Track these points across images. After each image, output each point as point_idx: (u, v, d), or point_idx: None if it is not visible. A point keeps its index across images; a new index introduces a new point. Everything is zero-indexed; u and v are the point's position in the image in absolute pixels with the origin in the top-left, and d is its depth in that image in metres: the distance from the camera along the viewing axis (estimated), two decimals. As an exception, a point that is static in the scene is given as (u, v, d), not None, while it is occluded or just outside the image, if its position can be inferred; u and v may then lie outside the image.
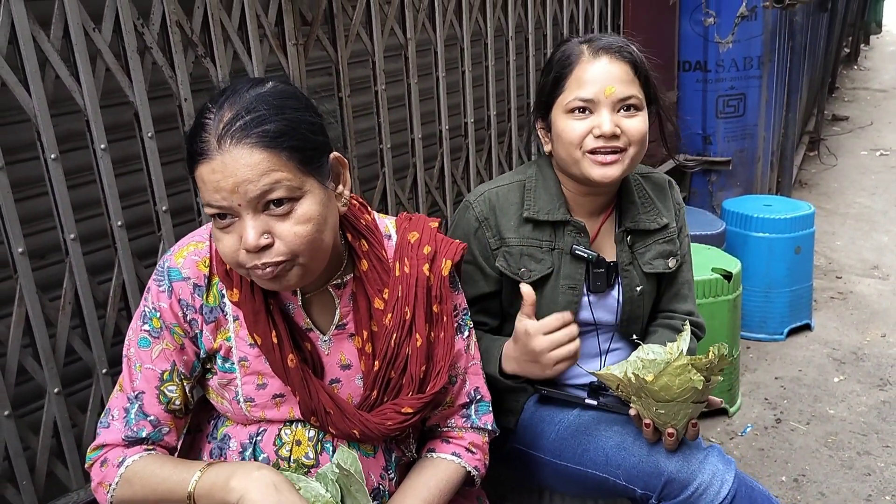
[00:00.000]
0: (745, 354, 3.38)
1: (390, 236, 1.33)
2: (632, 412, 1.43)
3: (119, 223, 1.61)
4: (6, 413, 1.46)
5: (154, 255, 1.73)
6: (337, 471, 1.12)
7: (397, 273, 1.26)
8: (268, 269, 1.10)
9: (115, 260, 1.62)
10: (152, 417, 1.22)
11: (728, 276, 2.78)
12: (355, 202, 1.30)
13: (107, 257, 1.67)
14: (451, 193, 2.54)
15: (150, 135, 1.64)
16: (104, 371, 1.62)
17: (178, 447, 1.31)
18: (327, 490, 1.13)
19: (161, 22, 1.63)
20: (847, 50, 10.20)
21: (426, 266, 1.26)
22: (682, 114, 3.81)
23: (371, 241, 1.28)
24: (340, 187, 1.19)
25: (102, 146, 1.56)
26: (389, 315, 1.24)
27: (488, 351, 1.52)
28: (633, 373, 1.34)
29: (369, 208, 1.34)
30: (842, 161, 6.51)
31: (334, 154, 1.17)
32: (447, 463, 1.32)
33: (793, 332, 3.55)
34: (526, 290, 1.41)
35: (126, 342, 1.25)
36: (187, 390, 1.24)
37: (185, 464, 1.20)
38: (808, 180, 5.99)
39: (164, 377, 1.22)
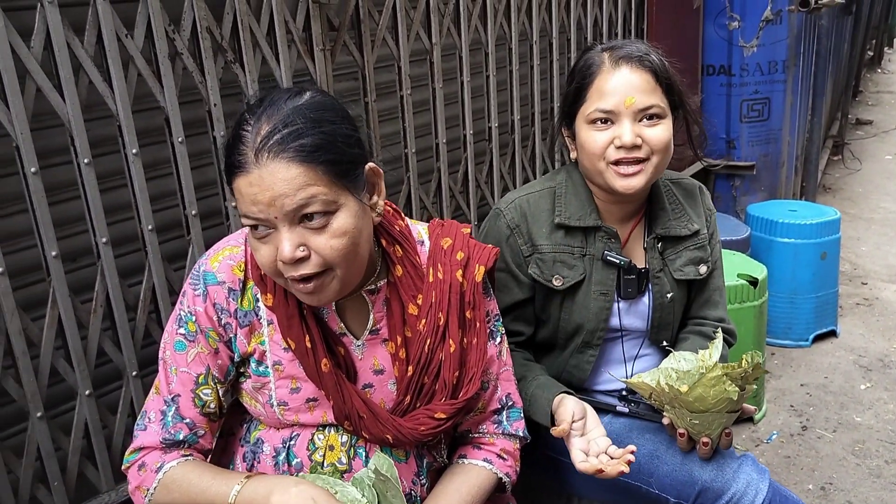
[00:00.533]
0: (770, 361, 3.35)
1: (423, 242, 1.33)
2: (665, 421, 1.42)
3: (150, 227, 1.62)
4: (38, 414, 1.47)
5: (183, 258, 1.74)
6: (373, 476, 1.12)
7: (431, 279, 1.26)
8: (308, 285, 1.10)
9: (146, 263, 1.63)
10: (188, 420, 1.23)
11: (754, 282, 2.76)
12: (389, 208, 1.30)
13: (137, 260, 1.68)
14: (475, 198, 2.54)
15: (180, 140, 1.65)
16: (134, 373, 1.64)
17: (212, 451, 1.32)
18: (363, 495, 1.13)
19: (192, 28, 1.65)
20: (870, 53, 10.10)
21: (459, 272, 1.27)
22: (707, 117, 3.78)
23: (405, 246, 1.28)
24: (375, 198, 1.19)
25: (134, 151, 1.57)
26: (423, 321, 1.24)
27: (537, 400, 1.51)
28: (666, 383, 1.33)
29: (402, 214, 1.35)
30: (866, 165, 6.44)
31: (370, 165, 1.17)
32: (479, 469, 1.32)
33: (818, 338, 3.52)
34: (557, 431, 1.40)
35: (162, 345, 1.26)
36: (220, 394, 1.25)
37: (224, 474, 1.21)
38: (832, 185, 5.93)
39: (200, 380, 1.23)
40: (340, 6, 1.96)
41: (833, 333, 3.55)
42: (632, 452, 1.31)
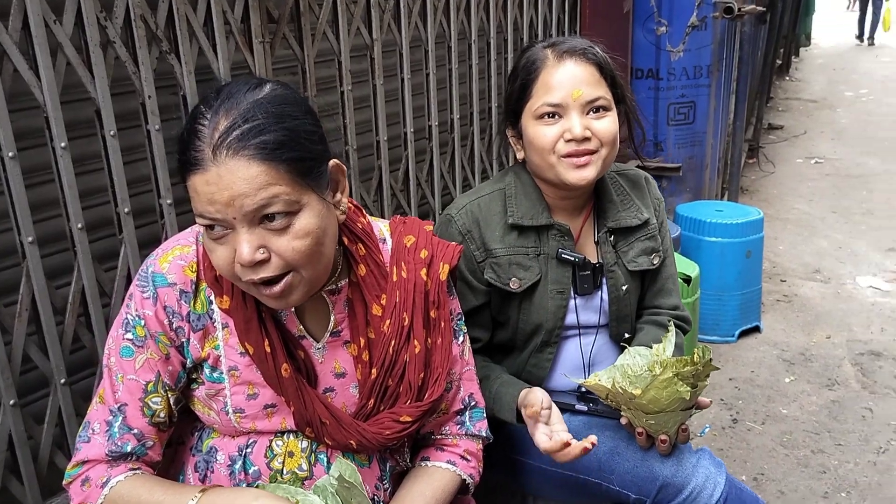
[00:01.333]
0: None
1: (385, 240, 1.29)
2: (623, 421, 1.43)
3: (79, 225, 1.53)
4: (-42, 427, 1.37)
5: (115, 258, 1.65)
6: (335, 483, 1.08)
7: (395, 278, 1.23)
8: (276, 288, 1.05)
9: (75, 264, 1.54)
10: (136, 431, 1.16)
11: (687, 279, 2.82)
12: (350, 205, 1.26)
13: (65, 261, 1.59)
14: (416, 197, 2.51)
15: (112, 133, 1.56)
16: (62, 381, 1.54)
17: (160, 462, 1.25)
18: (326, 503, 1.08)
19: (125, 15, 1.56)
20: (779, 61, 10.56)
21: (423, 271, 1.23)
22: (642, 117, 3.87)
23: (368, 244, 1.24)
24: (339, 195, 1.14)
25: (63, 144, 1.48)
26: (388, 321, 1.20)
27: (501, 397, 1.50)
28: (620, 387, 1.34)
29: (364, 211, 1.30)
30: (779, 168, 6.72)
31: (333, 161, 1.12)
32: (442, 472, 1.30)
33: (743, 333, 3.64)
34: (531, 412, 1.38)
35: (106, 351, 1.18)
36: (171, 402, 1.18)
37: (176, 488, 1.14)
38: (748, 187, 6.16)
39: (149, 388, 1.15)
40: (280, -2, 1.90)
41: (757, 329, 3.68)
42: (592, 444, 1.30)
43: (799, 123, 8.55)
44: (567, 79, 1.50)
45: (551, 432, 1.36)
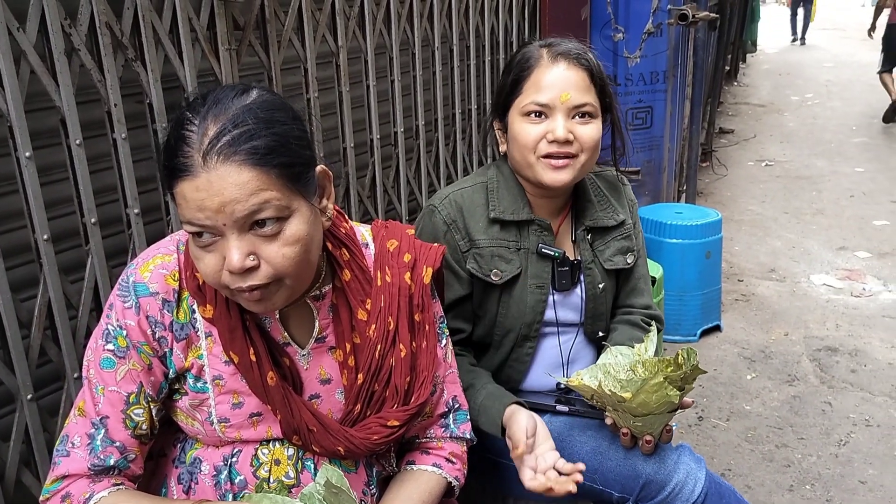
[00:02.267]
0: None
1: (367, 245, 1.29)
2: (608, 421, 1.44)
3: (45, 236, 1.49)
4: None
5: (81, 269, 1.61)
6: (323, 489, 1.07)
7: (379, 282, 1.22)
8: (255, 293, 1.04)
9: (40, 276, 1.50)
10: (118, 444, 1.13)
11: (652, 280, 2.87)
12: (334, 210, 1.26)
13: (30, 273, 1.55)
14: (382, 203, 2.51)
15: (77, 142, 1.53)
16: (29, 397, 1.50)
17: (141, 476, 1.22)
18: None
19: (89, 23, 1.53)
20: (728, 67, 10.82)
21: (407, 274, 1.23)
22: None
23: (352, 249, 1.23)
24: (325, 201, 1.14)
25: (27, 154, 1.44)
26: (373, 326, 1.20)
27: (487, 410, 1.49)
28: (609, 389, 1.35)
29: (346, 216, 1.30)
30: (732, 171, 6.88)
31: (320, 167, 1.12)
32: (428, 475, 1.29)
33: (705, 333, 3.71)
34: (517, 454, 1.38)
35: (85, 363, 1.15)
36: (153, 413, 1.16)
37: (165, 503, 1.11)
38: (702, 189, 6.28)
39: (131, 400, 1.13)
40: (246, 5, 1.88)
41: (718, 328, 3.76)
42: (580, 471, 1.31)
43: (748, 127, 8.77)
44: (558, 80, 1.52)
45: (536, 462, 1.36)
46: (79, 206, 1.57)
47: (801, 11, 16.06)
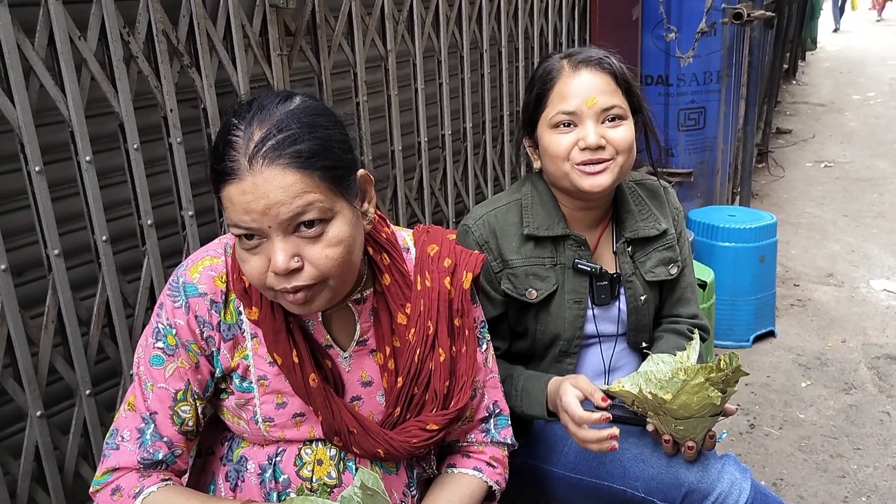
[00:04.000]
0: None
1: (409, 249, 1.31)
2: (650, 428, 1.42)
3: (104, 237, 1.55)
4: (-12, 438, 1.39)
5: (138, 269, 1.67)
6: (360, 493, 1.09)
7: (419, 287, 1.24)
8: (298, 295, 1.06)
9: (99, 276, 1.56)
10: (167, 439, 1.17)
11: (703, 285, 2.83)
12: (376, 215, 1.27)
13: (90, 273, 1.61)
14: (429, 205, 2.53)
15: (135, 146, 1.59)
16: (87, 392, 1.56)
17: (189, 471, 1.26)
18: None
19: (147, 30, 1.59)
20: (786, 66, 10.56)
21: (447, 279, 1.24)
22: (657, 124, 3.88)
23: (392, 254, 1.25)
24: (366, 205, 1.16)
25: (87, 158, 1.50)
26: (412, 330, 1.21)
27: (530, 395, 1.52)
28: (650, 392, 1.34)
29: (388, 221, 1.32)
30: (789, 173, 6.71)
31: (362, 171, 1.14)
32: (469, 478, 1.30)
33: (758, 338, 3.63)
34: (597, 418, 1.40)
35: (136, 360, 1.19)
36: (199, 411, 1.19)
37: (212, 501, 1.15)
38: (758, 191, 6.15)
39: (178, 397, 1.17)
40: (297, 11, 1.92)
41: (772, 334, 3.67)
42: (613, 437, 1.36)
43: (807, 127, 8.54)
44: (582, 87, 1.50)
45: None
46: (136, 209, 1.63)
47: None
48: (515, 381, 1.54)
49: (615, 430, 1.36)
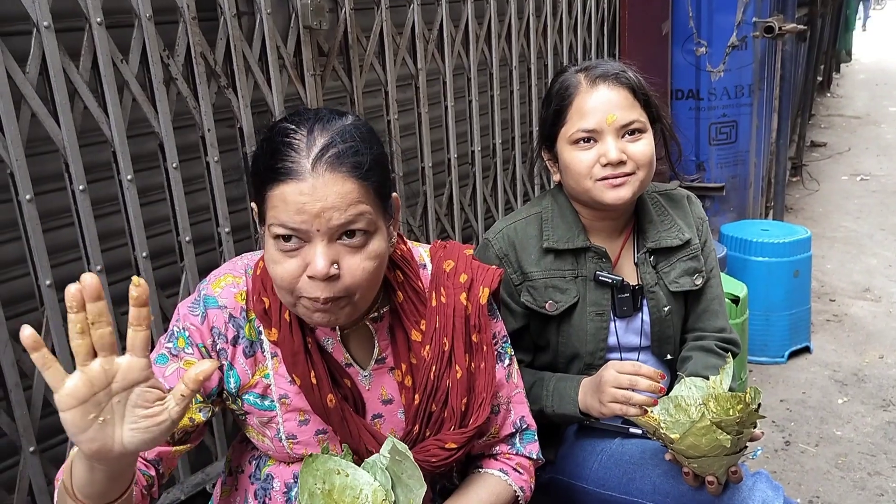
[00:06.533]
0: (748, 378, 3.39)
1: (425, 265, 1.31)
2: (668, 457, 1.41)
3: (144, 254, 1.60)
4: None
5: (176, 285, 1.73)
6: (386, 458, 1.10)
7: (434, 303, 1.24)
8: (323, 304, 1.07)
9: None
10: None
11: (735, 300, 2.80)
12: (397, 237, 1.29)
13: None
14: (459, 221, 2.55)
15: (174, 165, 1.64)
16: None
17: (219, 489, 1.28)
18: (376, 478, 1.11)
19: (186, 53, 1.64)
20: (820, 78, 10.43)
21: (463, 295, 1.24)
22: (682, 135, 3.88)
23: (406, 271, 1.25)
24: (391, 228, 1.18)
25: (129, 177, 1.55)
26: (427, 347, 1.21)
27: (562, 393, 1.53)
28: (663, 430, 1.33)
29: (404, 238, 1.33)
30: (824, 186, 6.61)
31: (394, 194, 1.17)
32: (495, 479, 1.30)
33: (793, 354, 3.58)
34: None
35: None
36: (193, 415, 1.15)
37: None
38: (792, 205, 6.07)
39: None
40: (330, 32, 1.97)
41: (807, 349, 3.62)
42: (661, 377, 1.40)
43: (842, 140, 8.41)
44: (601, 104, 1.51)
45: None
46: (174, 226, 1.67)
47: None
48: (546, 382, 1.55)
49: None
